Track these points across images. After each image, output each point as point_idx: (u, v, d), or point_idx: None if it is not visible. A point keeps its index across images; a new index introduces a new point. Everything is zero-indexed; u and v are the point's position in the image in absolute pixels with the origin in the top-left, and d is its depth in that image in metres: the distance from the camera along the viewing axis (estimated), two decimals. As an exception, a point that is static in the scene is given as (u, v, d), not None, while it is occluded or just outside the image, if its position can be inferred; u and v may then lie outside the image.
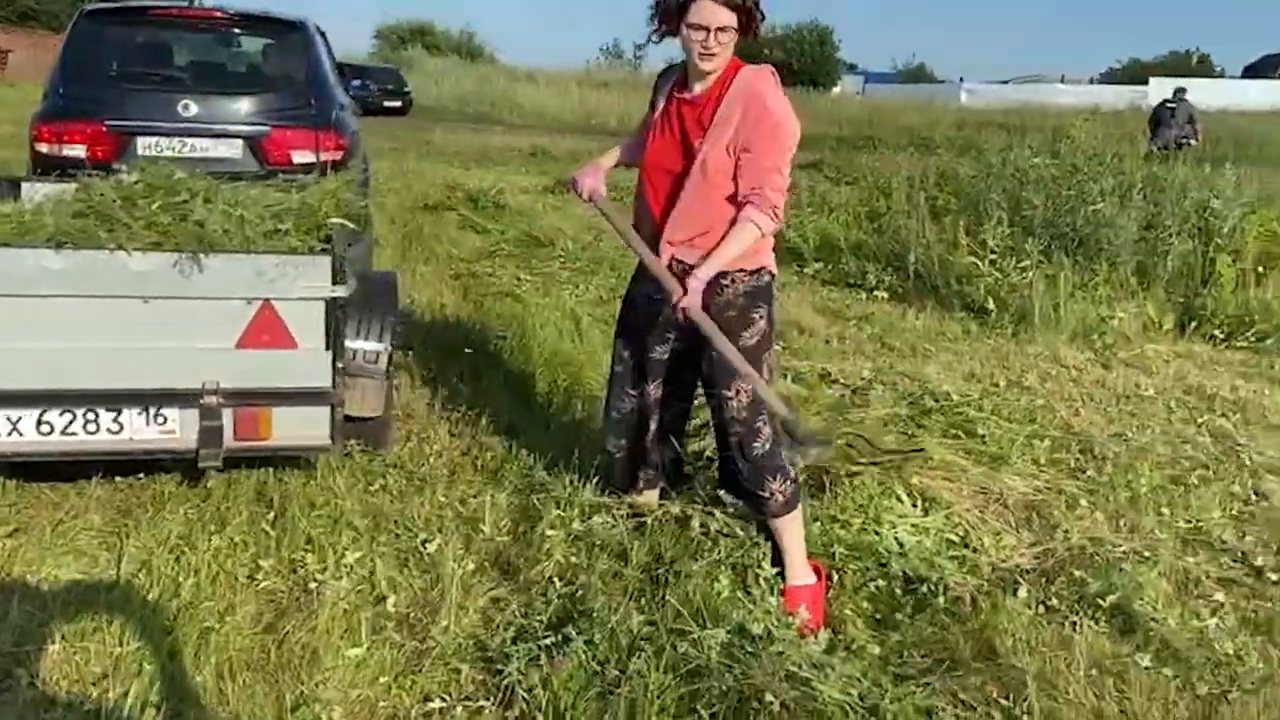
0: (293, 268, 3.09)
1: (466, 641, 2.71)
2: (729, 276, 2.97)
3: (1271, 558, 3.39)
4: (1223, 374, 5.48)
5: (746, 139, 2.88)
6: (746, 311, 3.00)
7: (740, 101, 2.89)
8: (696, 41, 2.87)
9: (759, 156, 2.87)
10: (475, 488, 3.57)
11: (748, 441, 3.03)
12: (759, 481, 3.03)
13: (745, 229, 2.88)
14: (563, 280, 6.37)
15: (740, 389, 2.99)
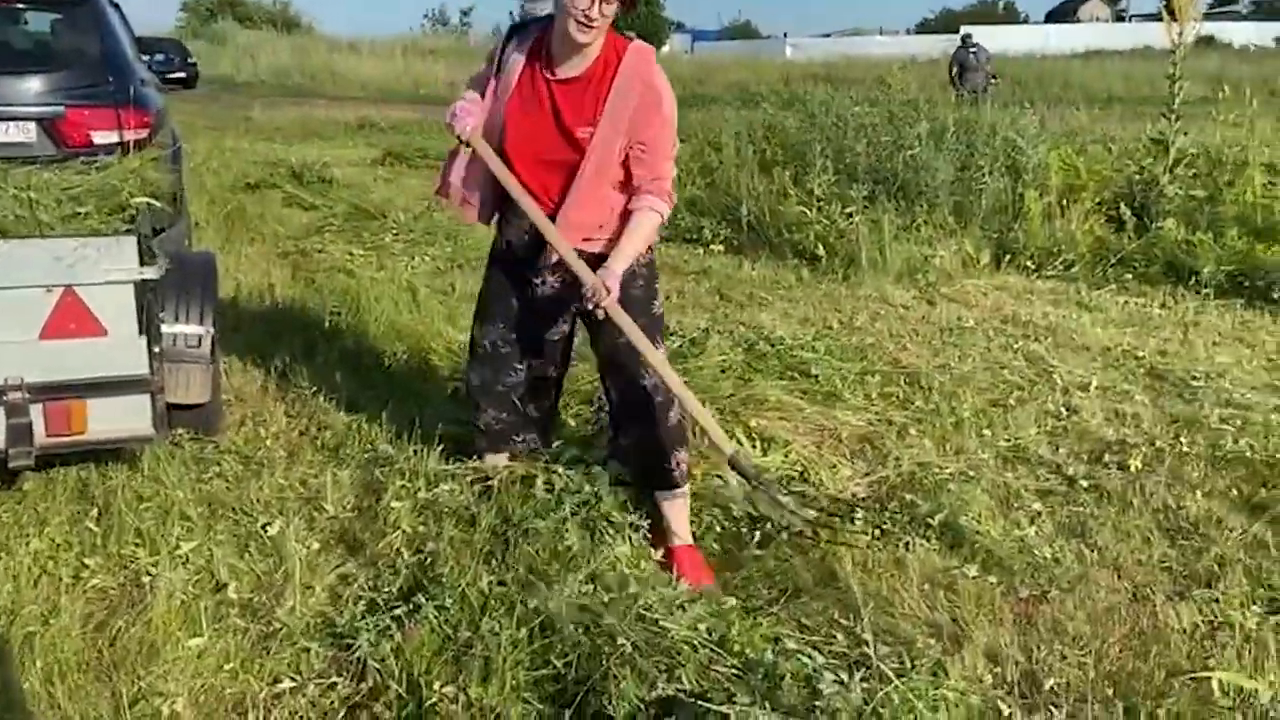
0: (94, 251, 2.91)
1: (314, 620, 2.65)
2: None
3: (1082, 467, 3.64)
4: (1035, 302, 5.82)
5: (643, 130, 2.76)
6: (650, 283, 3.02)
7: (635, 91, 2.74)
8: (577, 10, 2.61)
9: (657, 145, 2.79)
10: (316, 467, 3.48)
11: (664, 409, 3.01)
12: (667, 453, 3.01)
13: (649, 219, 2.82)
14: (396, 252, 6.23)
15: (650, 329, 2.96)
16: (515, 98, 2.83)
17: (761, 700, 2.12)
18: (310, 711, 2.35)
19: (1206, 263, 5.64)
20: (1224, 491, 3.42)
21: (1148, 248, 6.07)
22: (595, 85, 2.75)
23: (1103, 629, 2.71)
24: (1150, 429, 3.90)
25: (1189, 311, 5.31)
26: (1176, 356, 4.69)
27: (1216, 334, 4.98)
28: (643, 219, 2.82)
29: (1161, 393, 4.28)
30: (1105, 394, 4.28)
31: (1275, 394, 4.19)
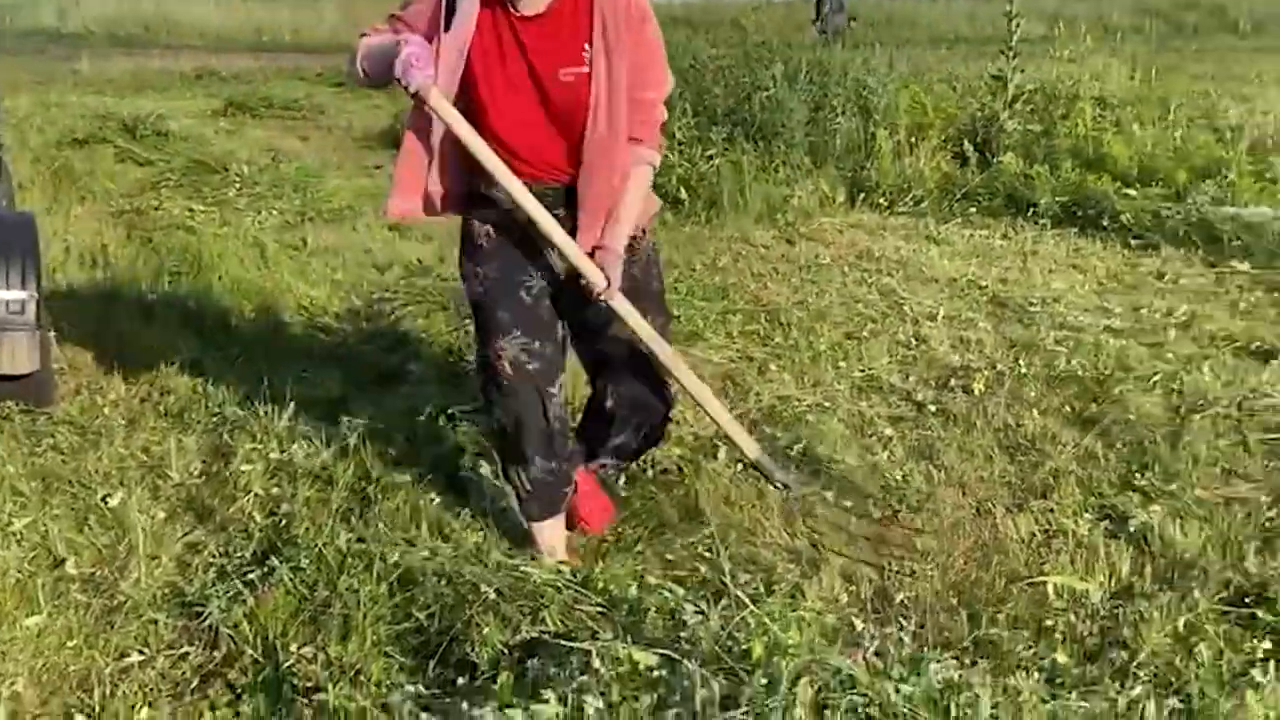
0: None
1: (162, 591, 2.55)
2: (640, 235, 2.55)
3: (930, 392, 3.78)
4: (888, 238, 5.98)
5: (632, 59, 2.28)
6: (651, 259, 2.64)
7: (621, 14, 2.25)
8: None
9: (647, 76, 2.32)
10: (159, 434, 3.33)
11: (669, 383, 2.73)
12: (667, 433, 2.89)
13: (642, 175, 2.39)
14: (241, 208, 5.97)
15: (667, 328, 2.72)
16: (486, 48, 2.28)
17: (625, 635, 2.14)
18: (160, 683, 2.27)
19: (1043, 194, 5.90)
20: (1058, 409, 3.60)
21: (990, 182, 6.30)
22: (571, 17, 2.27)
23: (948, 543, 2.85)
24: (992, 353, 4.08)
25: (1028, 241, 5.56)
26: (1016, 284, 4.90)
27: (1053, 262, 5.22)
28: (636, 175, 2.36)
29: (1002, 319, 4.48)
30: (951, 323, 4.45)
31: (1105, 316, 4.43)
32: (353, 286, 4.72)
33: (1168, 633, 2.44)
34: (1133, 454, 3.27)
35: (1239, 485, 3.10)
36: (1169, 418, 3.49)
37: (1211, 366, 3.82)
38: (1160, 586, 2.64)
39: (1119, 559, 2.75)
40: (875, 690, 1.87)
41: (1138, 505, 2.98)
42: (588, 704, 1.83)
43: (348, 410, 3.41)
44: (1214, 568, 2.68)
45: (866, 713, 1.84)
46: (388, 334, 3.93)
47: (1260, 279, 4.76)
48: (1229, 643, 2.40)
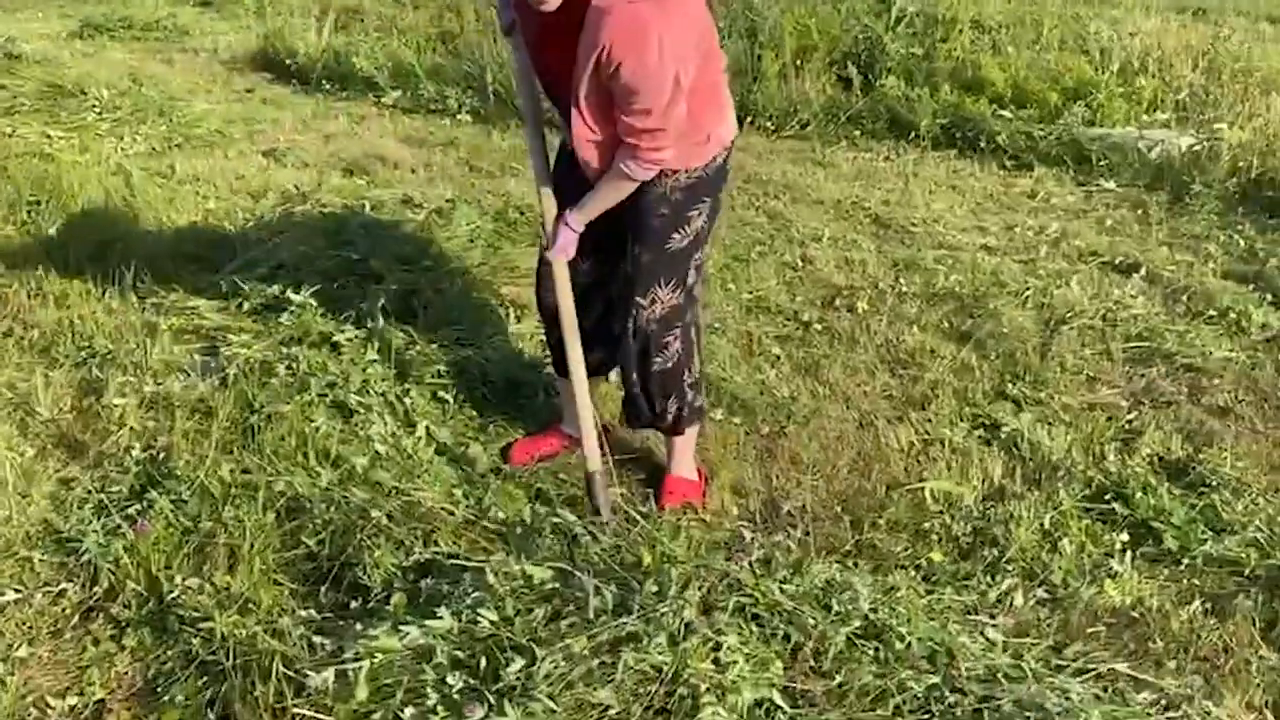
0: None
1: (35, 529, 2.47)
2: (670, 174, 2.43)
3: (816, 312, 3.86)
4: (775, 161, 6.01)
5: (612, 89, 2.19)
6: (683, 209, 2.48)
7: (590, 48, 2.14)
8: None
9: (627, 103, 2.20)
10: (24, 370, 3.17)
11: (650, 354, 2.64)
12: (650, 400, 2.70)
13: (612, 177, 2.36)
14: (102, 133, 5.62)
15: (658, 299, 2.55)
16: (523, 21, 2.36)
17: (519, 554, 2.16)
18: (39, 621, 2.21)
19: (924, 117, 5.99)
20: (937, 324, 3.73)
21: (874, 105, 6.37)
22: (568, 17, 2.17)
23: (833, 455, 2.94)
24: (875, 273, 4.17)
25: (909, 163, 5.66)
26: (898, 205, 5.00)
27: (933, 183, 5.34)
28: (610, 173, 2.36)
29: (885, 239, 4.58)
30: (836, 244, 4.53)
31: (981, 234, 4.57)
32: (226, 215, 4.54)
33: (1035, 530, 2.59)
34: (1005, 365, 3.41)
35: (1102, 391, 3.27)
36: (1039, 330, 3.65)
37: (1079, 281, 4.00)
38: (1029, 488, 2.79)
39: (991, 464, 2.89)
40: (760, 590, 1.94)
41: (1009, 413, 3.12)
42: (482, 617, 1.85)
43: (226, 342, 3.30)
44: (1077, 468, 2.85)
45: (753, 611, 1.91)
46: (265, 263, 3.80)
47: (1125, 197, 4.97)
48: (1090, 537, 2.56)
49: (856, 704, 1.80)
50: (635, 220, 2.49)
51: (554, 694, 1.72)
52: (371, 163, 5.60)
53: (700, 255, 2.60)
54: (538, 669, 1.76)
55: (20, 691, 2.03)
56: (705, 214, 2.54)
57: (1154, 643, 2.22)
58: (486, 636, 1.84)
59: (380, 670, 1.81)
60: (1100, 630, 2.25)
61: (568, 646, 1.80)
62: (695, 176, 2.47)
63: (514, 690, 1.73)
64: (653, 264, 2.53)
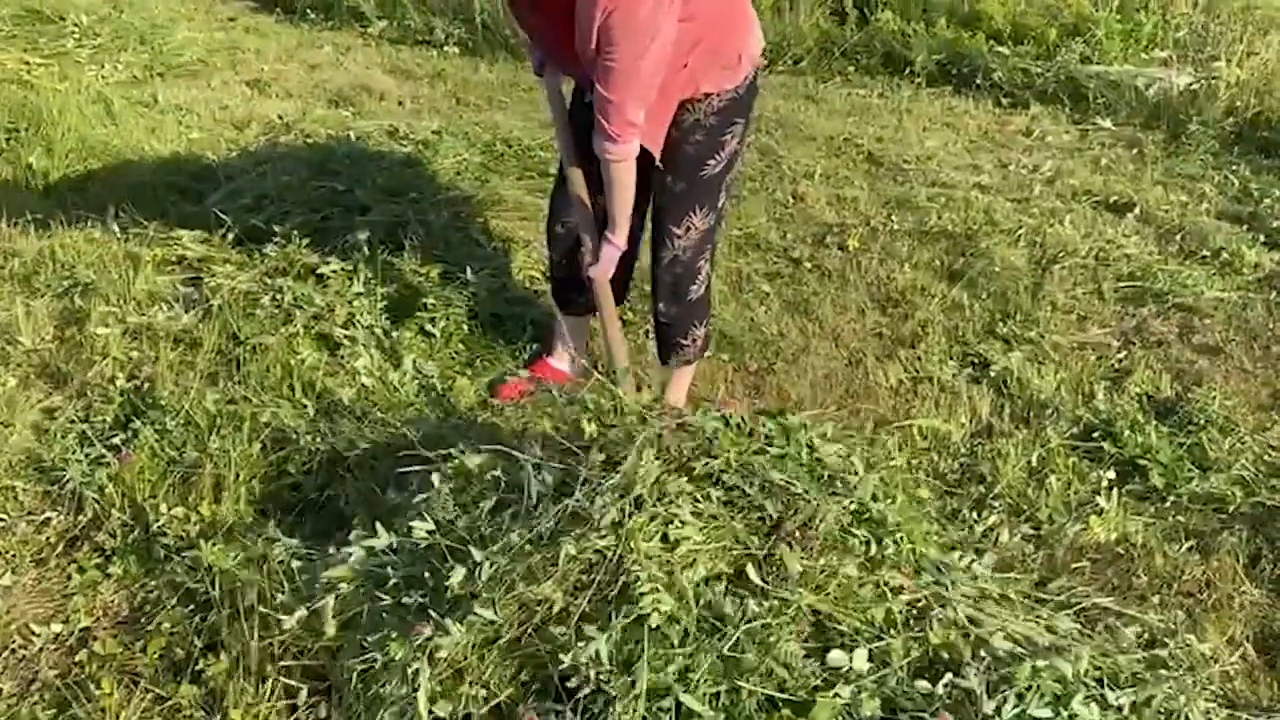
0: None
1: (18, 459, 2.44)
2: (704, 98, 2.39)
3: (807, 249, 3.83)
4: (768, 97, 5.91)
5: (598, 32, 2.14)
6: (717, 133, 2.44)
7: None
8: None
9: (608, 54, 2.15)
10: (6, 298, 3.11)
11: (684, 283, 2.63)
12: (684, 328, 2.71)
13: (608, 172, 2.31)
14: (82, 60, 5.49)
15: (692, 226, 2.54)
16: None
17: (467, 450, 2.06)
18: (23, 550, 2.19)
19: (920, 53, 5.90)
20: (928, 263, 3.70)
21: (868, 40, 6.27)
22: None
23: (821, 392, 2.93)
24: (866, 210, 4.13)
25: (904, 100, 5.58)
26: (892, 142, 4.94)
27: (927, 120, 5.27)
28: (606, 174, 2.34)
29: (878, 177, 4.53)
30: (828, 180, 4.48)
31: (975, 173, 4.52)
32: (210, 145, 4.46)
33: (1022, 467, 2.59)
34: (996, 304, 3.40)
35: (1093, 330, 3.26)
36: (1031, 269, 3.63)
37: (1072, 219, 3.97)
38: (1017, 426, 2.80)
39: (980, 402, 2.89)
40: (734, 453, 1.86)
41: (999, 352, 3.12)
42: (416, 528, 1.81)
43: (210, 273, 3.25)
44: (1066, 407, 2.85)
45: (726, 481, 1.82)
46: (249, 194, 3.73)
47: (1121, 135, 4.92)
48: (1077, 474, 2.57)
49: (836, 595, 1.70)
50: (669, 151, 2.43)
51: (495, 598, 1.66)
52: (357, 94, 5.51)
53: (731, 177, 2.56)
54: (479, 573, 1.69)
55: (4, 619, 2.03)
56: (738, 136, 2.50)
57: (1138, 578, 2.24)
58: (426, 548, 1.80)
59: (348, 600, 1.80)
60: (1085, 566, 2.27)
61: (508, 542, 1.72)
62: (728, 99, 2.42)
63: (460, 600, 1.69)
64: (687, 192, 2.49)
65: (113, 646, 1.95)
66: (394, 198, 3.72)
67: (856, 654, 1.62)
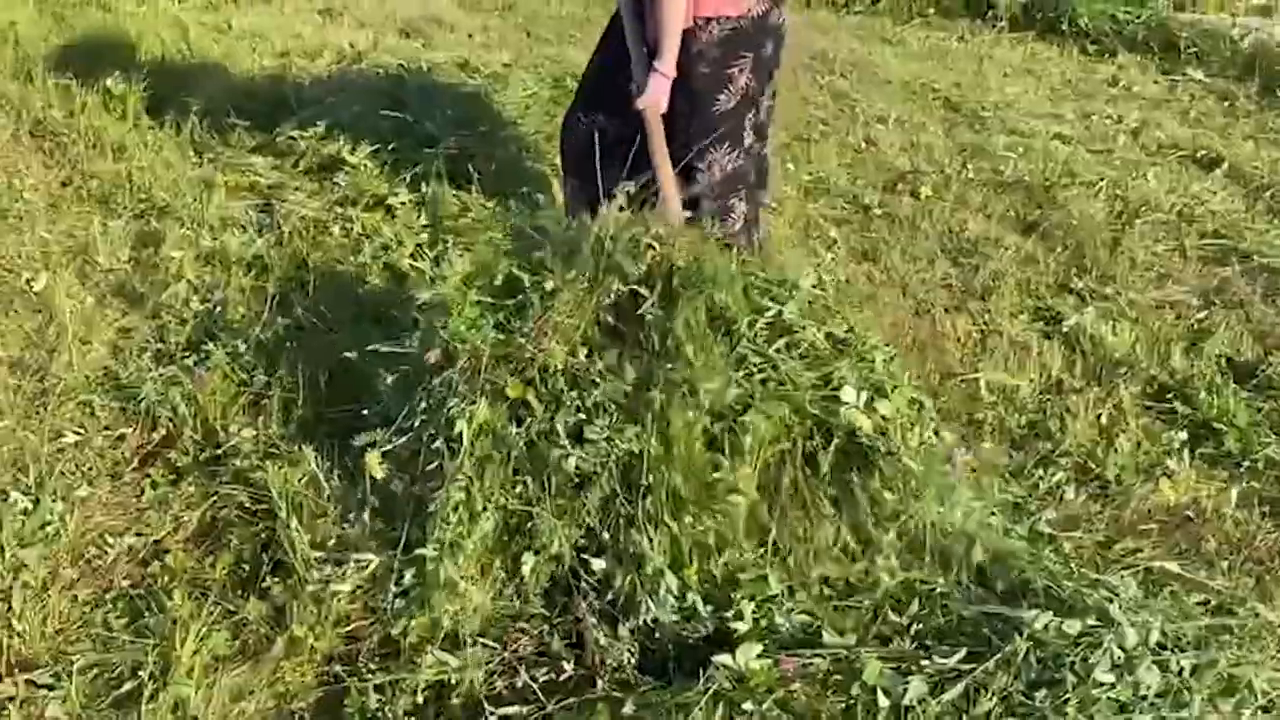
0: None
1: (96, 374, 2.51)
2: (704, 24, 2.44)
3: (877, 196, 3.75)
4: (843, 38, 5.79)
5: None
6: (722, 65, 2.48)
7: None
8: None
9: None
10: (83, 219, 3.19)
11: (717, 220, 2.58)
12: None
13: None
14: (160, -16, 5.56)
15: (714, 162, 2.56)
16: None
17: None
18: (99, 463, 2.26)
19: (1004, -4, 5.72)
20: (1003, 213, 3.60)
21: (951, -19, 6.09)
22: None
23: (887, 341, 2.88)
24: (941, 158, 4.03)
25: (984, 45, 5.42)
26: (970, 89, 4.80)
27: (1008, 66, 5.11)
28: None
29: (954, 124, 4.41)
30: (902, 126, 4.37)
31: (1056, 122, 4.38)
32: (282, 72, 4.48)
33: (1091, 425, 2.53)
34: (1072, 258, 3.30)
35: (1172, 289, 3.16)
36: (1110, 223, 3.51)
37: (1156, 173, 3.83)
38: (1088, 383, 2.73)
39: (1050, 357, 2.82)
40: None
41: (1072, 307, 3.04)
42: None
43: (282, 199, 3.29)
44: (1140, 366, 2.77)
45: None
46: (320, 122, 3.74)
47: (1212, 88, 4.72)
48: (1149, 435, 2.51)
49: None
50: (679, 87, 2.45)
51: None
52: (428, 25, 5.48)
53: (754, 116, 2.58)
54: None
55: (82, 528, 2.09)
56: (748, 69, 2.51)
57: (1207, 543, 2.19)
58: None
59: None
60: (1152, 529, 2.22)
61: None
62: (729, 28, 2.46)
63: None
64: (703, 128, 2.50)
65: (184, 560, 2.01)
66: (463, 130, 3.71)
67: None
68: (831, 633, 1.70)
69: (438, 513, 1.81)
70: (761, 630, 1.71)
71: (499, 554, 1.86)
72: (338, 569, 1.90)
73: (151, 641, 1.79)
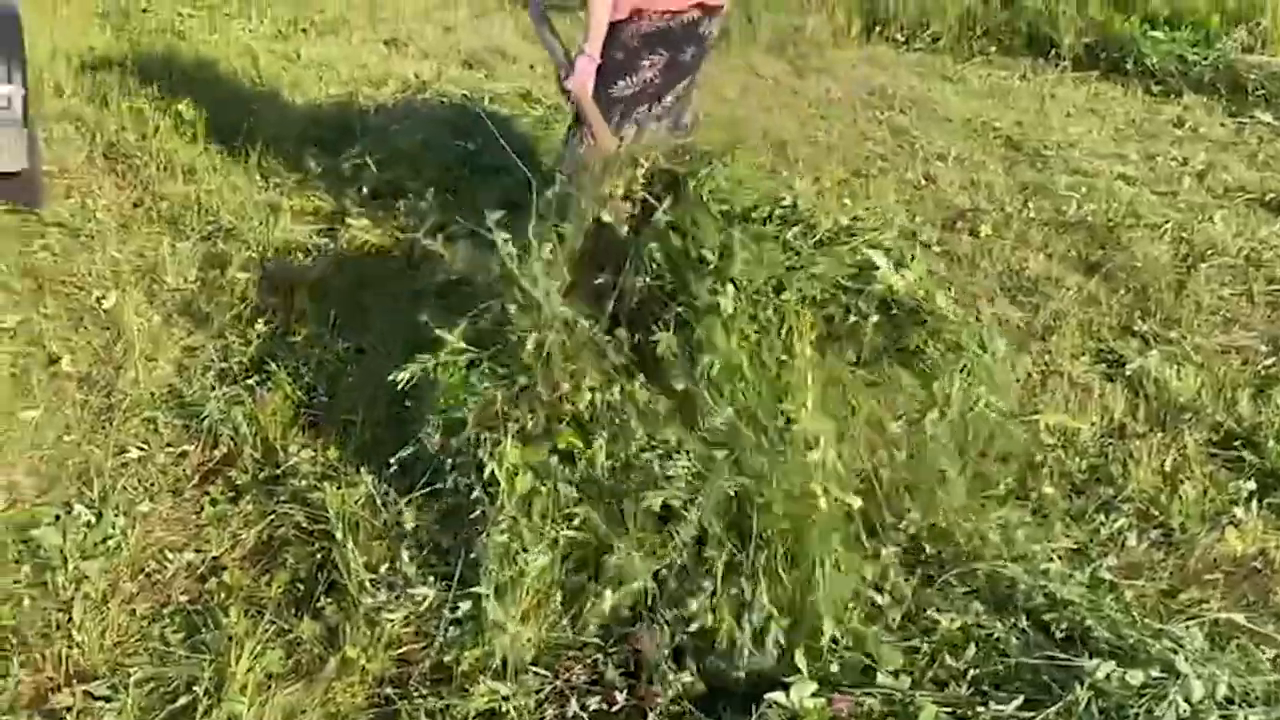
0: None
1: (160, 391, 2.56)
2: (635, 18, 2.65)
3: (935, 233, 3.72)
4: (903, 75, 5.78)
5: None
6: (635, 56, 2.70)
7: None
8: None
9: None
10: (152, 240, 3.27)
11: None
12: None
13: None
14: (231, 13, 5.71)
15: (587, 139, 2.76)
16: None
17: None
18: (160, 479, 2.30)
19: (1067, 34, 5.67)
20: (1065, 253, 3.56)
21: (1012, 20, 6.05)
22: None
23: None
24: (1001, 196, 4.00)
25: (1047, 84, 5.38)
26: (1032, 127, 4.76)
27: (1071, 105, 5.07)
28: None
29: (1015, 162, 4.37)
30: (962, 164, 4.34)
31: (1120, 162, 4.32)
32: (348, 100, 4.58)
33: (1155, 471, 2.47)
34: (1136, 300, 3.25)
35: (1239, 334, 3.09)
36: (1175, 266, 3.45)
37: (1223, 216, 3.76)
38: (1151, 428, 2.67)
39: (1113, 401, 2.77)
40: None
41: (1136, 350, 2.98)
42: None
43: (345, 224, 3.35)
44: (1206, 411, 2.70)
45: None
46: (384, 149, 3.82)
47: (1281, 131, 4.65)
48: (1214, 482, 2.44)
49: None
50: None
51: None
52: (491, 56, 5.57)
53: (651, 108, 2.79)
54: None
55: (142, 543, 2.13)
56: (659, 66, 2.72)
57: (1275, 595, 2.12)
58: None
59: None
60: (1218, 579, 2.15)
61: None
62: (656, 26, 2.66)
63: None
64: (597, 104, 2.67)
65: (240, 578, 2.03)
66: (524, 160, 3.74)
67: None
68: (886, 674, 1.67)
69: (484, 556, 1.81)
70: (816, 669, 1.68)
71: (555, 586, 1.85)
72: (391, 593, 1.90)
73: (207, 657, 1.81)
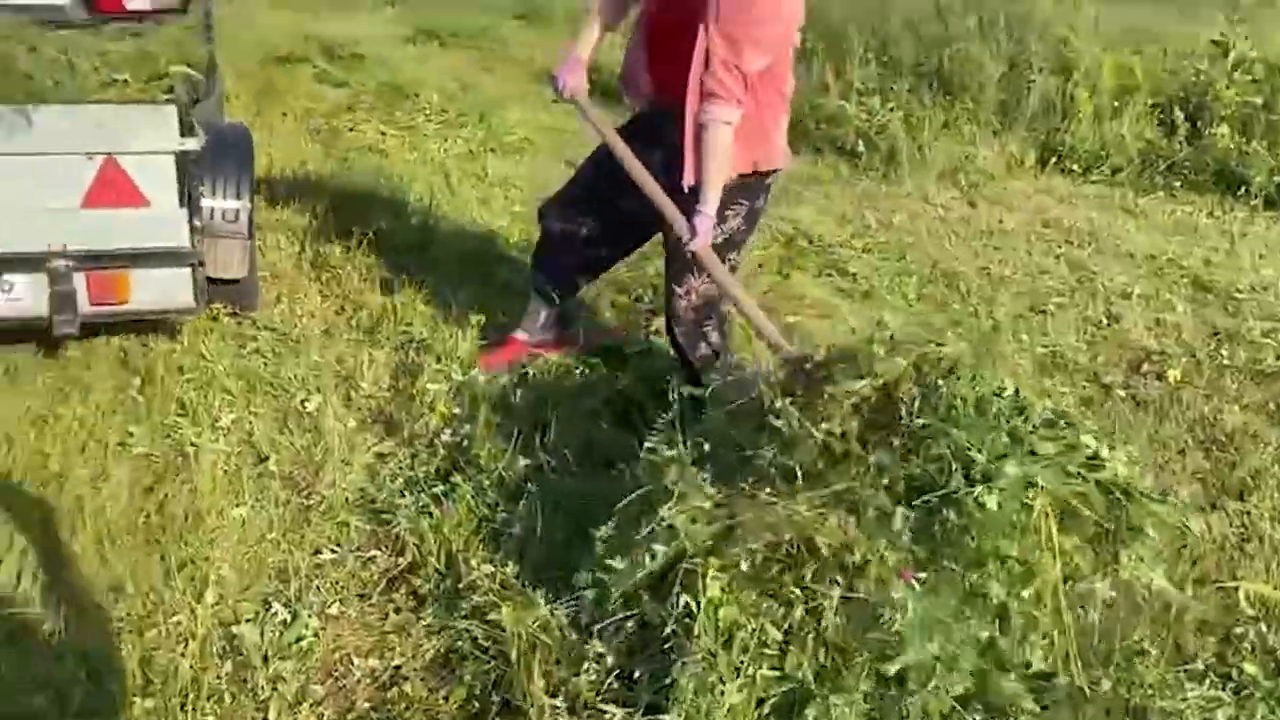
0: (135, 119, 2.87)
1: (353, 495, 2.70)
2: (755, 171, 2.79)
3: (1120, 376, 3.61)
4: (1079, 207, 5.69)
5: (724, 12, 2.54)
6: (723, 206, 2.74)
7: None
8: None
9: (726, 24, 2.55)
10: (352, 346, 3.49)
11: (689, 345, 2.97)
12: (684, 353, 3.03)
13: (714, 136, 2.59)
14: (429, 134, 6.12)
15: (692, 289, 2.86)
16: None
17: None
18: (350, 582, 2.41)
19: (1259, 172, 5.48)
20: (1262, 405, 3.39)
21: (1199, 155, 5.90)
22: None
23: (1132, 536, 2.72)
24: (1190, 340, 3.85)
25: (1237, 222, 5.19)
26: (1221, 267, 4.59)
27: (1264, 246, 4.87)
28: (708, 138, 2.60)
29: (1204, 304, 4.22)
30: (1147, 303, 4.22)
31: (1320, 310, 4.11)
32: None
33: (1373, 655, 2.29)
34: (1344, 461, 3.05)
35: None
36: (1388, 425, 3.23)
37: None
38: (1366, 605, 2.47)
39: (1321, 571, 2.59)
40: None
41: (1346, 516, 2.79)
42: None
43: (527, 340, 3.49)
44: None
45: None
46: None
47: None
48: None
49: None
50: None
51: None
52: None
53: (733, 257, 2.88)
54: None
55: (330, 646, 2.23)
56: (742, 216, 2.82)
57: None
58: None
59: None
60: None
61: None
62: (746, 178, 2.75)
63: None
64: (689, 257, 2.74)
65: (420, 689, 2.10)
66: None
67: None
68: None
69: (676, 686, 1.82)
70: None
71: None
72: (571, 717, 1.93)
73: (389, 767, 1.87)
